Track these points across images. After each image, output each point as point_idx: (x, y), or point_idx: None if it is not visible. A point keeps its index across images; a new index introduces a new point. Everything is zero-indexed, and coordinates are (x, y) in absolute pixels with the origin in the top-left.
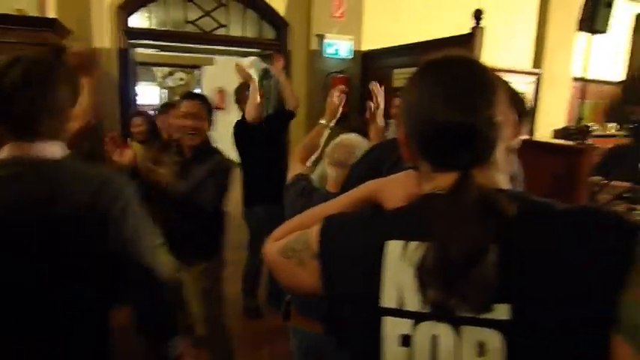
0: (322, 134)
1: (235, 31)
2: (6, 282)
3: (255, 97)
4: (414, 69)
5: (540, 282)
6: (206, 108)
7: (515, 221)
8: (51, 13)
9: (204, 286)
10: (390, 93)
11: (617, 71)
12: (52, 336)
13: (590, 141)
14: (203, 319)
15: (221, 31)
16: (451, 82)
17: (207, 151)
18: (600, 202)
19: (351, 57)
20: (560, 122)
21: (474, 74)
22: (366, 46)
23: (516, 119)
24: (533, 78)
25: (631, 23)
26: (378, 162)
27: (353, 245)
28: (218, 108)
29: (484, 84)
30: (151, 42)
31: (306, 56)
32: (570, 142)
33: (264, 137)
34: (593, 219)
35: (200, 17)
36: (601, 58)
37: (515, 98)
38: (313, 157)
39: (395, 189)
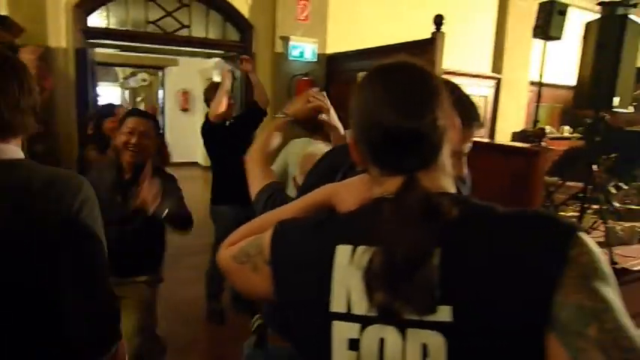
0: (281, 130)
1: (198, 32)
2: None
3: (221, 97)
4: None
5: (480, 284)
6: (154, 127)
7: (457, 224)
8: (2, 10)
9: (144, 299)
10: None
11: (571, 76)
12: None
13: (545, 143)
14: (140, 331)
15: (184, 32)
16: (397, 88)
17: (160, 172)
18: (556, 201)
19: (315, 60)
20: (519, 125)
21: (420, 80)
22: (331, 49)
23: (465, 124)
24: (493, 82)
25: (581, 31)
26: (334, 166)
27: (304, 250)
28: (183, 109)
29: (429, 89)
30: (111, 42)
31: (271, 59)
32: (526, 145)
33: (232, 137)
34: (531, 222)
35: (161, 17)
36: (556, 64)
37: (465, 103)
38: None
39: (348, 193)
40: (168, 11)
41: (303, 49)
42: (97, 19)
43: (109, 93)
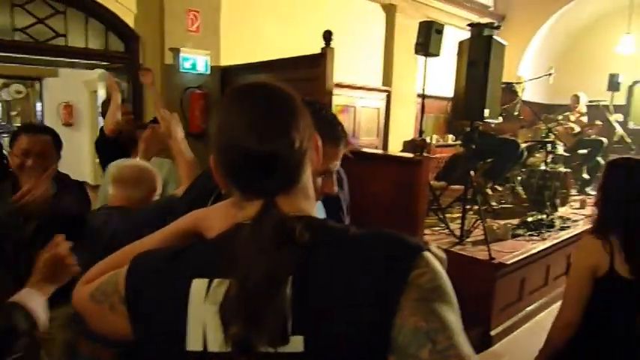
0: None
1: (76, 41)
2: None
3: (112, 110)
4: None
5: (329, 312)
6: (55, 145)
7: (309, 251)
8: None
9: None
10: None
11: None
12: None
13: (430, 151)
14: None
15: (59, 41)
16: (254, 109)
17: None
18: (442, 204)
19: (208, 72)
20: (409, 134)
21: (277, 101)
22: (225, 61)
23: (332, 143)
24: (384, 95)
25: (455, 48)
26: (206, 190)
27: (158, 286)
28: (66, 124)
29: (287, 110)
30: None
31: (160, 71)
32: (410, 155)
33: (126, 150)
34: (378, 245)
35: (32, 25)
36: (440, 76)
37: (331, 123)
38: None
39: (215, 219)
40: (39, 18)
41: (195, 60)
42: None
43: None
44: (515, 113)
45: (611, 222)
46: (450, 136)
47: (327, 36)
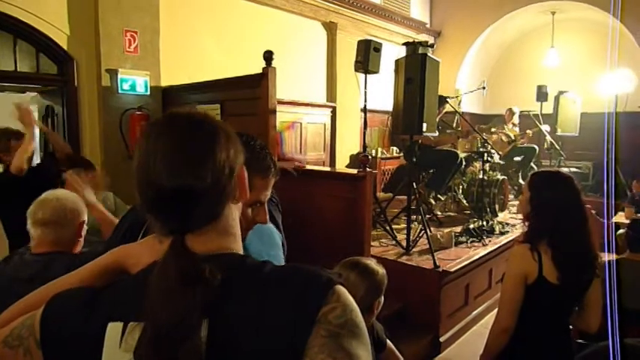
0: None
1: (5, 64)
2: None
3: (28, 146)
4: (217, 105)
5: (246, 353)
6: None
7: (224, 292)
8: None
9: None
10: None
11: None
12: None
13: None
14: None
15: None
16: (171, 143)
17: None
18: (389, 216)
19: (148, 93)
20: (355, 148)
21: (193, 134)
22: (166, 82)
23: (262, 175)
24: (329, 111)
25: (392, 65)
26: (135, 225)
27: (74, 330)
28: None
29: (207, 144)
30: None
31: (97, 93)
32: (354, 171)
33: (28, 190)
34: (291, 282)
35: None
36: (382, 91)
37: (260, 155)
38: None
39: (141, 255)
40: None
41: (134, 81)
42: None
43: None
44: (454, 125)
45: (539, 232)
46: (395, 149)
47: (268, 56)
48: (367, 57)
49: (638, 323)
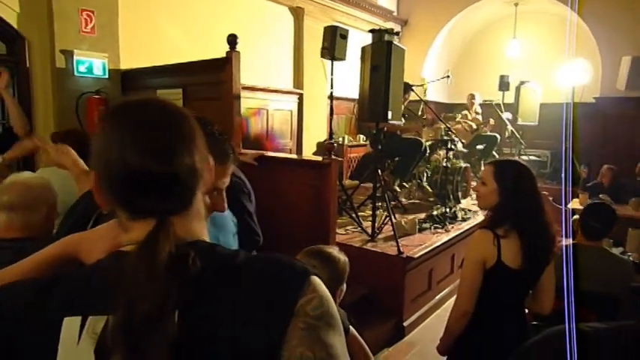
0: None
1: None
2: None
3: None
4: (179, 90)
5: (216, 345)
6: None
7: (198, 280)
8: None
9: None
10: None
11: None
12: None
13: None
14: None
15: None
16: (146, 127)
17: None
18: (356, 203)
19: (106, 76)
20: (323, 136)
21: (173, 119)
22: (126, 65)
23: (220, 161)
24: (296, 97)
25: (359, 52)
26: (88, 212)
27: (25, 326)
28: None
29: (184, 130)
30: None
31: (51, 74)
32: (319, 158)
33: None
34: (266, 273)
35: None
36: (349, 78)
37: (218, 140)
38: None
39: (95, 242)
40: None
41: (92, 64)
42: None
43: None
44: (419, 113)
45: (502, 219)
46: (362, 137)
47: (232, 39)
48: (333, 43)
49: (588, 305)
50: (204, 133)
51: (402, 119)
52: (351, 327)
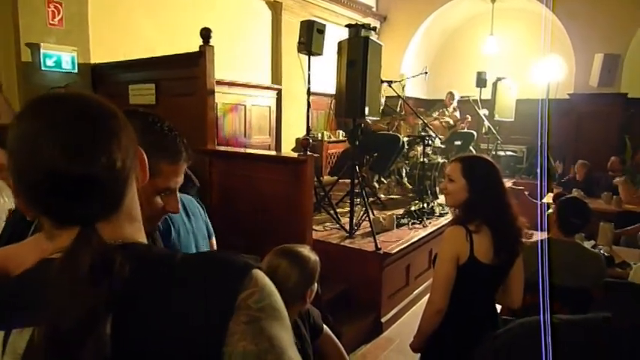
0: None
1: None
2: None
3: None
4: (152, 85)
5: (154, 351)
6: None
7: (130, 285)
8: None
9: None
10: None
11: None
12: None
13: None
14: None
15: None
16: (64, 124)
17: None
18: (334, 199)
19: (76, 71)
20: (302, 132)
21: (94, 116)
22: (96, 59)
23: (171, 160)
24: (274, 93)
25: (335, 47)
26: (23, 224)
27: None
28: None
29: (106, 127)
30: None
31: (17, 69)
32: (295, 154)
33: None
34: (205, 271)
35: None
36: (327, 74)
37: (169, 138)
38: None
39: (25, 254)
40: None
41: (60, 57)
42: None
43: None
44: (397, 109)
45: (472, 214)
46: (341, 132)
47: (206, 33)
48: (310, 38)
49: (561, 299)
50: (149, 130)
51: (380, 115)
52: (325, 327)
